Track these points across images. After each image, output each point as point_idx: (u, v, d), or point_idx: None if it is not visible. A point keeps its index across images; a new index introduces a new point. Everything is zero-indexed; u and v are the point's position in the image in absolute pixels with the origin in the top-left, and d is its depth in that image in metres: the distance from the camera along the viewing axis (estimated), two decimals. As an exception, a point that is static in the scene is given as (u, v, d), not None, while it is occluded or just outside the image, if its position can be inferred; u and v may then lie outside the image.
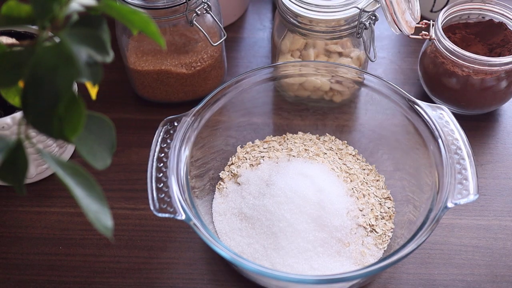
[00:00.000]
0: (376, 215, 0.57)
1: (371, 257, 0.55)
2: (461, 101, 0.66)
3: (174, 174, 0.51)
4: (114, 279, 0.56)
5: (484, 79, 0.63)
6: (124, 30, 0.64)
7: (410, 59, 0.77)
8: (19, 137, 0.30)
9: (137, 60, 0.65)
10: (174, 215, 0.48)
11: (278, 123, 0.66)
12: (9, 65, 0.30)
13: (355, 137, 0.64)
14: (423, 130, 0.55)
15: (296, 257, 0.53)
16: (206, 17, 0.64)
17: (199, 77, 0.67)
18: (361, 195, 0.58)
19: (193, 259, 0.57)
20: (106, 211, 0.31)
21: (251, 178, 0.59)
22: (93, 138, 0.33)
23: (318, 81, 0.63)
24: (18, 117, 0.55)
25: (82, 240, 0.59)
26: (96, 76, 0.30)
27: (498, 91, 0.64)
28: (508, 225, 0.60)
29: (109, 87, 0.72)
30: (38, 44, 0.29)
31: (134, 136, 0.68)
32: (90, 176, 0.31)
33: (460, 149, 0.52)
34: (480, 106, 0.67)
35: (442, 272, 0.56)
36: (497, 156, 0.65)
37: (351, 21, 0.61)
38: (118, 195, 0.62)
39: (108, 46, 0.31)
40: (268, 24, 0.82)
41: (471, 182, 0.49)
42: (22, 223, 0.60)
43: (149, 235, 0.59)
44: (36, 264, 0.57)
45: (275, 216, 0.54)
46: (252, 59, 0.77)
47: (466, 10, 0.68)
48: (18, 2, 0.31)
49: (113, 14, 0.32)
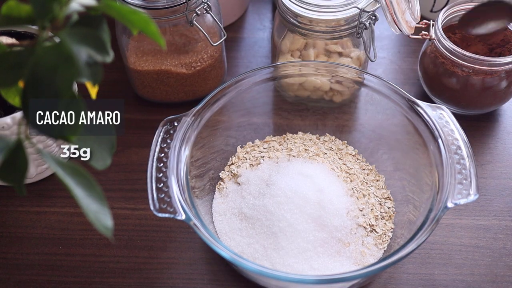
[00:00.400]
0: (376, 215, 0.57)
1: (371, 257, 0.55)
2: (461, 101, 0.66)
3: (174, 174, 0.51)
4: (114, 279, 0.56)
5: (484, 79, 0.63)
6: (124, 30, 0.64)
7: (410, 59, 0.77)
8: (19, 137, 0.30)
9: (137, 60, 0.65)
10: (174, 215, 0.48)
11: (278, 123, 0.66)
12: (9, 65, 0.30)
13: (355, 137, 0.64)
14: (423, 130, 0.55)
15: (296, 257, 0.53)
16: (206, 17, 0.64)
17: (199, 77, 0.67)
18: (361, 195, 0.59)
19: (193, 259, 0.57)
20: (106, 211, 0.31)
21: (251, 178, 0.59)
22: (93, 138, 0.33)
23: (318, 81, 0.63)
24: (18, 117, 0.55)
25: (82, 240, 0.59)
26: (96, 76, 0.30)
27: (498, 91, 0.64)
28: (508, 225, 0.60)
29: (109, 87, 0.72)
30: (38, 44, 0.29)
31: (134, 136, 0.68)
32: (90, 176, 0.31)
33: (460, 149, 0.52)
34: (480, 106, 0.67)
35: (442, 272, 0.56)
36: (497, 156, 0.65)
37: (351, 21, 0.61)
38: (118, 195, 0.62)
39: (108, 46, 0.31)
40: (268, 24, 0.82)
41: (471, 182, 0.49)
42: (22, 223, 0.60)
43: (149, 235, 0.59)
44: (36, 264, 0.57)
45: (275, 216, 0.54)
46: (252, 59, 0.77)
47: (466, 10, 0.68)
48: (18, 2, 0.31)
49: (113, 14, 0.32)
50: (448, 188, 0.49)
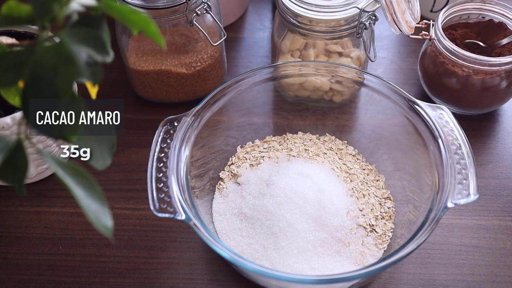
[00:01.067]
0: (376, 215, 0.57)
1: (371, 257, 0.55)
2: (461, 101, 0.66)
3: (174, 174, 0.51)
4: (114, 279, 0.56)
5: (484, 79, 0.63)
6: (124, 30, 0.64)
7: (410, 59, 0.77)
8: (19, 137, 0.30)
9: (137, 60, 0.65)
10: (174, 215, 0.48)
11: (278, 123, 0.66)
12: (9, 65, 0.30)
13: (355, 137, 0.64)
14: (423, 130, 0.55)
15: (296, 257, 0.53)
16: (206, 17, 0.64)
17: (199, 77, 0.67)
18: (361, 195, 0.59)
19: (193, 259, 0.57)
20: (106, 211, 0.31)
21: (251, 178, 0.59)
22: (93, 138, 0.33)
23: (318, 81, 0.63)
24: (18, 117, 0.55)
25: (82, 240, 0.59)
26: (96, 76, 0.30)
27: (498, 91, 0.64)
28: (508, 225, 0.60)
29: (109, 87, 0.72)
30: (38, 44, 0.29)
31: (134, 136, 0.68)
32: (90, 176, 0.31)
33: (460, 149, 0.52)
34: (480, 106, 0.67)
35: (442, 272, 0.56)
36: (497, 156, 0.65)
37: (351, 21, 0.61)
38: (118, 195, 0.62)
39: (108, 46, 0.31)
40: (268, 24, 0.82)
41: (471, 182, 0.49)
42: (22, 223, 0.60)
43: (149, 235, 0.59)
44: (36, 264, 0.57)
45: (275, 216, 0.54)
46: (252, 59, 0.77)
47: (466, 10, 0.68)
48: (18, 2, 0.31)
49: (113, 14, 0.32)
50: (448, 188, 0.49)
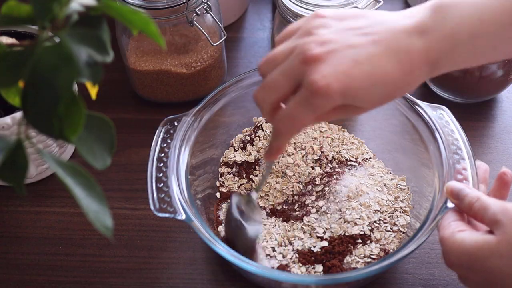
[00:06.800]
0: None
1: (371, 257, 0.55)
2: (460, 88, 0.67)
3: (174, 174, 0.51)
4: (114, 279, 0.56)
5: (483, 67, 0.63)
6: (124, 30, 0.64)
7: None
8: (19, 137, 0.30)
9: (137, 60, 0.65)
10: (174, 215, 0.48)
11: (278, 123, 0.66)
12: (9, 65, 0.30)
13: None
14: (423, 130, 0.55)
15: (296, 257, 0.53)
16: (206, 17, 0.64)
17: (199, 77, 0.67)
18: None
19: (193, 259, 0.57)
20: (106, 211, 0.31)
21: (251, 178, 0.59)
22: (93, 138, 0.33)
23: (318, 81, 0.63)
24: (18, 117, 0.55)
25: (82, 240, 0.59)
26: (96, 76, 0.30)
27: (496, 79, 0.65)
28: (508, 225, 0.59)
29: (109, 87, 0.72)
30: (38, 44, 0.29)
31: (134, 136, 0.68)
32: (90, 176, 0.31)
33: (460, 149, 0.52)
34: (478, 93, 0.68)
35: (442, 272, 0.56)
36: (497, 156, 0.65)
37: (351, 21, 0.61)
38: (118, 195, 0.62)
39: (108, 46, 0.31)
40: (268, 24, 0.82)
41: (471, 182, 0.49)
42: (22, 223, 0.60)
43: (149, 235, 0.59)
44: (36, 264, 0.57)
45: (275, 216, 0.54)
46: (252, 59, 0.77)
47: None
48: (18, 2, 0.31)
49: (113, 14, 0.32)
50: (448, 188, 0.49)
